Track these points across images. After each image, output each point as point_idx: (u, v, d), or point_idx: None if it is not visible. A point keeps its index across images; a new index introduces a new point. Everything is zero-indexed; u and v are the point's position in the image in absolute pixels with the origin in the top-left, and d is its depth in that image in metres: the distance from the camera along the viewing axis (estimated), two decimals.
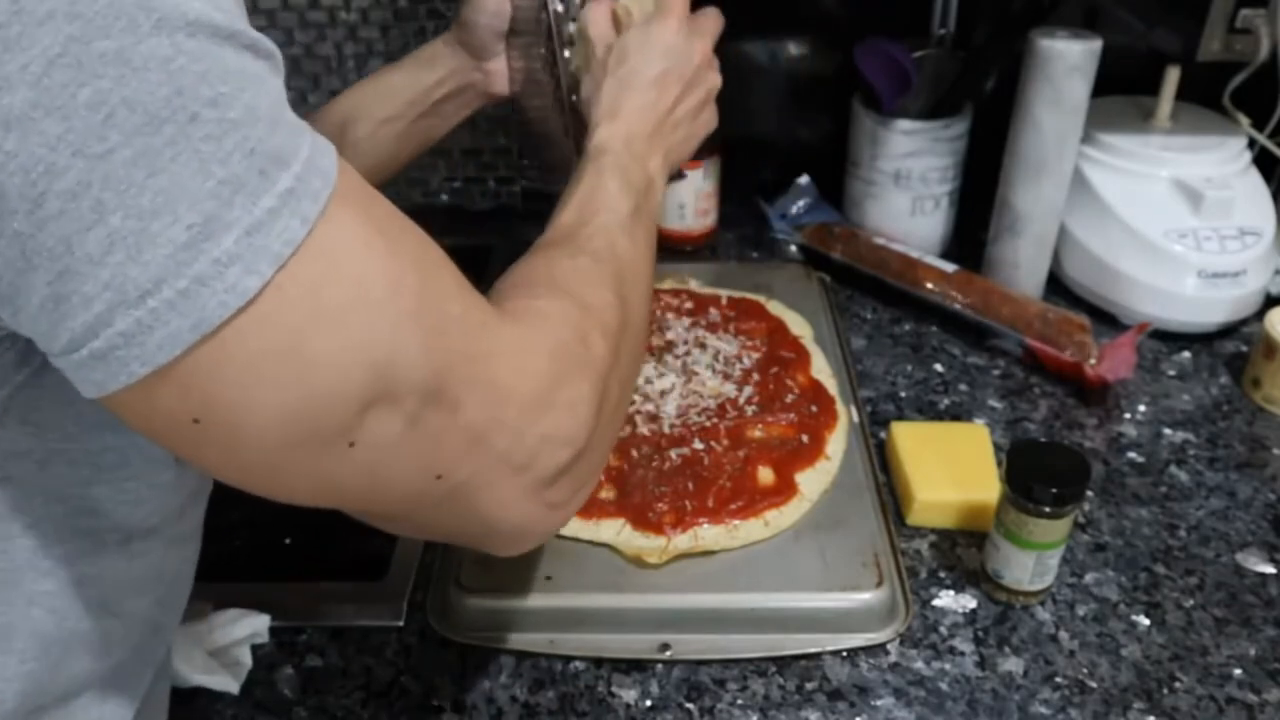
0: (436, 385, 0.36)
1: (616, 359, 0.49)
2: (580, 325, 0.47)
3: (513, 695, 0.59)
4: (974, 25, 0.96)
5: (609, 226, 0.56)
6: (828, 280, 0.96)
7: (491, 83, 0.78)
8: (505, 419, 0.40)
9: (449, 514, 0.42)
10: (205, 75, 0.29)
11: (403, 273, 0.36)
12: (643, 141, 0.62)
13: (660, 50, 0.64)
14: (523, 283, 0.50)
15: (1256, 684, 0.59)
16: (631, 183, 0.59)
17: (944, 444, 0.73)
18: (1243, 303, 0.87)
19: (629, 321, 0.52)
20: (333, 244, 0.33)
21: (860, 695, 0.59)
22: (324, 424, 0.34)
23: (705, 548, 0.65)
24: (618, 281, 0.53)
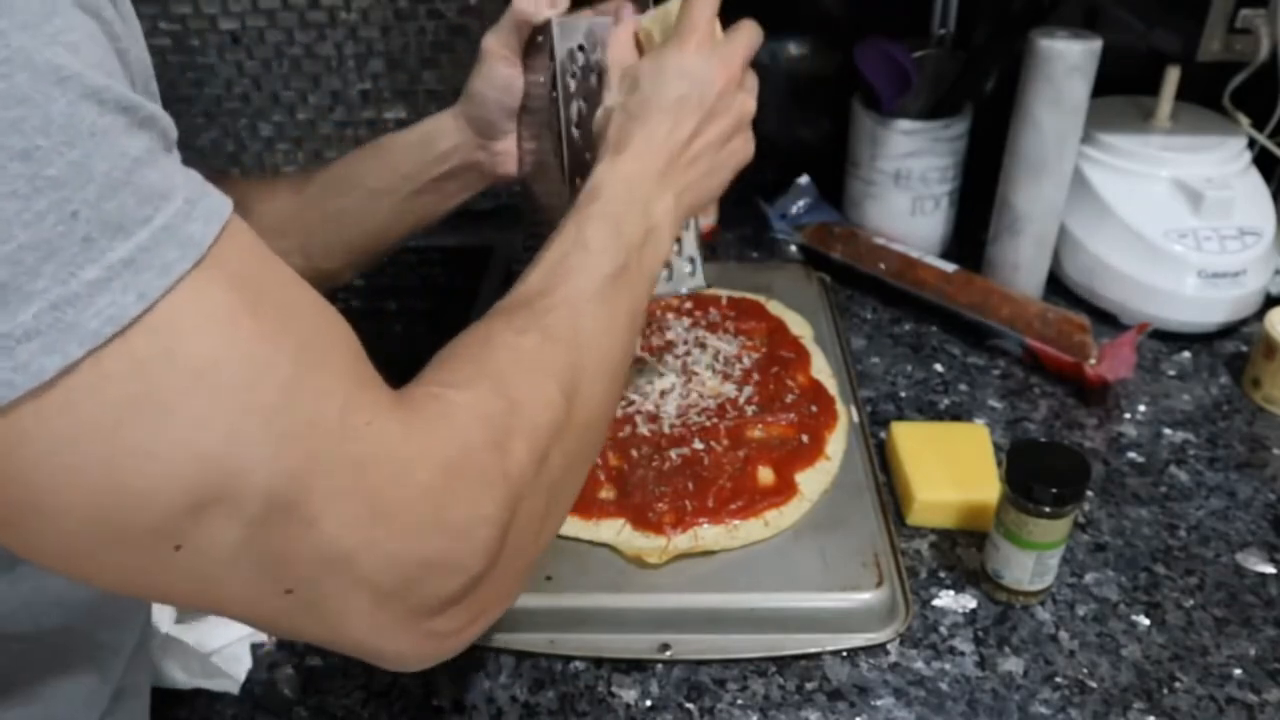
0: (290, 494, 0.32)
1: (543, 468, 0.42)
2: (498, 426, 0.40)
3: (513, 695, 0.59)
4: (974, 25, 0.96)
5: (577, 295, 0.48)
6: (828, 280, 0.96)
7: (499, 163, 0.70)
8: (375, 539, 0.34)
9: (307, 631, 0.36)
10: (18, 123, 0.26)
11: (271, 361, 0.32)
12: (650, 181, 0.54)
13: (676, 74, 0.56)
14: (451, 362, 0.44)
15: (1256, 684, 0.59)
16: (623, 235, 0.51)
17: (944, 444, 0.73)
18: (1243, 303, 0.87)
19: (572, 421, 0.44)
20: (180, 322, 0.29)
21: (860, 695, 0.59)
22: (140, 523, 0.30)
23: (705, 548, 0.65)
24: (569, 369, 0.45)
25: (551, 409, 0.43)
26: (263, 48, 1.02)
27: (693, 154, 0.57)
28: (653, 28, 0.61)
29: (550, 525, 0.45)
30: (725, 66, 0.58)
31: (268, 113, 1.05)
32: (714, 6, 0.59)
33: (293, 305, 0.34)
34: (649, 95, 0.56)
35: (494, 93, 0.67)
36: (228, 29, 1.01)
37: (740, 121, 0.59)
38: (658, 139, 0.55)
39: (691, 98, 0.56)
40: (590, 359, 0.47)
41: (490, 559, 0.38)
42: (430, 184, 0.70)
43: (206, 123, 1.06)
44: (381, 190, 0.70)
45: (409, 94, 1.05)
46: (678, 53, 0.57)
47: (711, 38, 0.59)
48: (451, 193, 0.72)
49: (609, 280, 0.50)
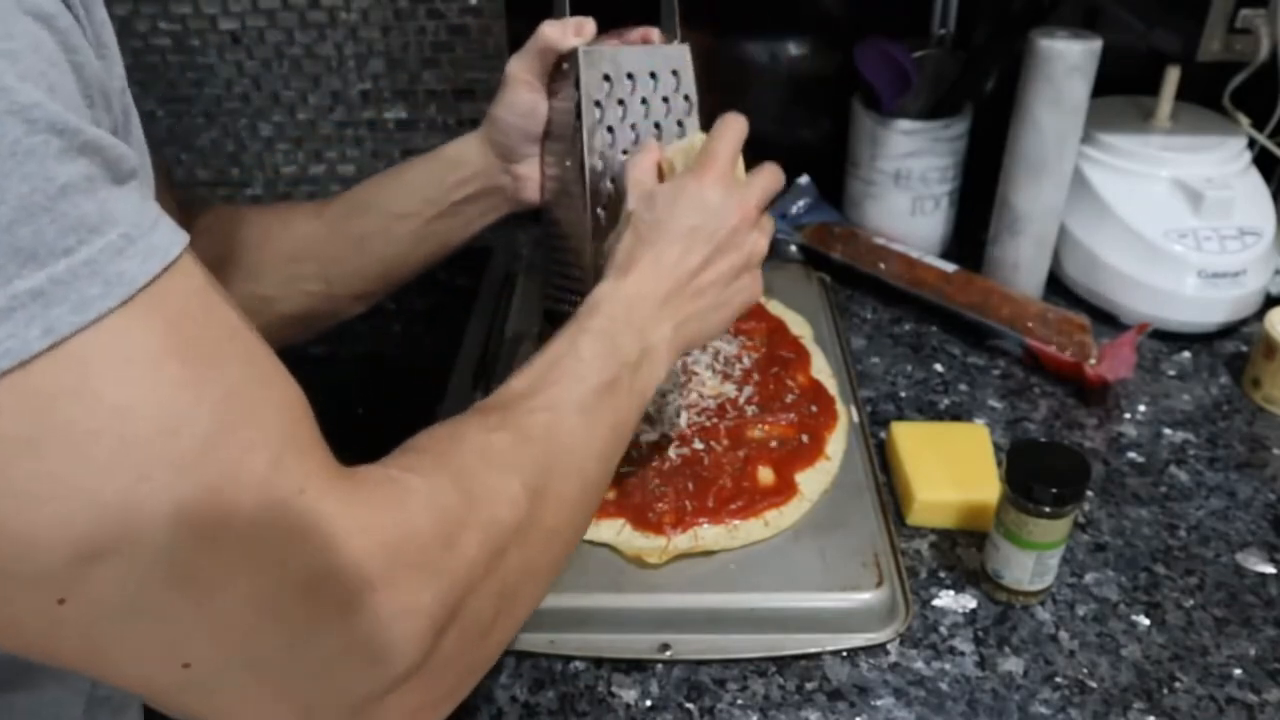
0: (191, 554, 0.29)
1: (496, 567, 0.39)
2: (451, 518, 0.38)
3: (513, 695, 0.59)
4: (974, 25, 0.96)
5: (561, 402, 0.47)
6: (828, 280, 0.96)
7: (521, 189, 0.70)
8: (290, 620, 0.31)
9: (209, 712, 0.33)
10: None
11: (191, 412, 0.29)
12: (652, 305, 0.54)
13: (691, 204, 0.56)
14: (414, 450, 0.42)
15: (1256, 684, 0.59)
16: (617, 353, 0.51)
17: (944, 444, 0.73)
18: (1243, 303, 0.87)
19: (536, 524, 0.42)
20: (94, 362, 0.28)
21: (860, 695, 0.59)
22: (20, 570, 0.28)
23: (705, 548, 0.65)
24: (539, 471, 0.43)
25: (514, 508, 0.41)
26: (263, 48, 1.02)
27: (699, 286, 0.56)
28: (675, 159, 0.62)
29: (500, 632, 0.42)
30: (742, 204, 0.57)
31: (268, 113, 1.05)
32: (738, 143, 0.59)
33: (231, 355, 0.32)
34: (662, 220, 0.56)
35: (517, 118, 0.67)
36: (228, 29, 1.01)
37: (750, 261, 0.59)
38: (665, 265, 0.55)
39: (704, 229, 0.56)
40: (564, 465, 0.45)
41: (419, 656, 0.35)
42: (451, 208, 0.69)
43: (206, 123, 1.06)
44: (402, 214, 0.69)
45: (409, 94, 1.05)
46: (697, 182, 0.57)
47: (732, 173, 0.59)
48: (472, 217, 0.71)
49: (596, 391, 0.49)
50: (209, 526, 0.30)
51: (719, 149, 0.58)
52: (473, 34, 1.02)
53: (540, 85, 0.66)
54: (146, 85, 1.02)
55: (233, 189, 1.11)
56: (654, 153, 0.61)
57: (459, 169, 0.69)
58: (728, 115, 0.60)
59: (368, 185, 0.70)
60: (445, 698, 0.39)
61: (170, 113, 1.05)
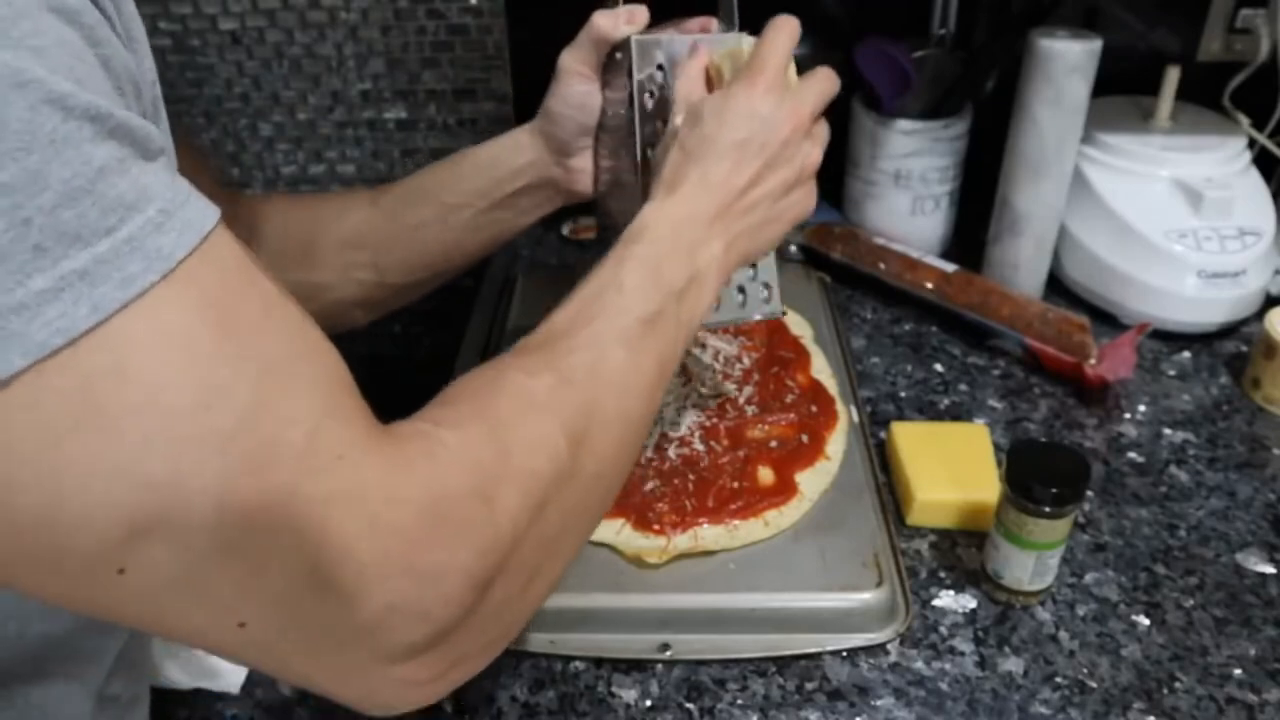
0: (238, 527, 0.30)
1: (537, 520, 0.39)
2: (487, 472, 0.38)
3: (513, 695, 0.59)
4: (974, 25, 0.96)
5: (602, 338, 0.46)
6: (828, 280, 0.96)
7: (574, 180, 0.69)
8: (336, 578, 0.32)
9: (272, 665, 0.35)
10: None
11: (230, 385, 0.30)
12: (701, 225, 0.52)
13: (741, 116, 0.53)
14: (451, 399, 0.41)
15: (1256, 684, 0.59)
16: (664, 280, 0.49)
17: (944, 444, 0.73)
18: (1243, 303, 0.87)
19: (578, 472, 0.42)
20: (136, 338, 0.28)
21: (860, 695, 0.59)
22: (79, 545, 0.29)
23: (705, 548, 0.65)
24: (581, 415, 0.43)
25: (554, 458, 0.41)
26: (263, 48, 1.02)
27: (750, 201, 0.54)
28: (723, 64, 0.60)
29: (542, 582, 0.42)
30: (794, 113, 0.55)
31: (268, 113, 1.05)
32: (789, 48, 0.57)
33: (268, 327, 0.32)
34: (710, 134, 0.53)
35: (570, 110, 0.66)
36: (228, 29, 1.01)
37: (804, 173, 0.57)
38: (714, 181, 0.53)
39: (755, 141, 0.53)
40: (607, 406, 0.44)
41: (463, 610, 0.36)
42: (505, 199, 0.69)
43: (206, 123, 1.06)
44: (457, 205, 0.69)
45: (409, 94, 1.05)
46: (746, 92, 0.54)
47: (783, 81, 0.56)
48: (526, 209, 0.70)
49: (641, 325, 0.47)
50: (252, 498, 0.30)
51: (769, 54, 0.55)
52: (473, 34, 1.02)
53: (594, 76, 0.65)
54: None
55: (233, 189, 1.11)
56: (701, 58, 0.59)
57: (513, 161, 0.68)
58: (779, 17, 0.57)
59: (423, 174, 0.71)
60: (487, 649, 0.40)
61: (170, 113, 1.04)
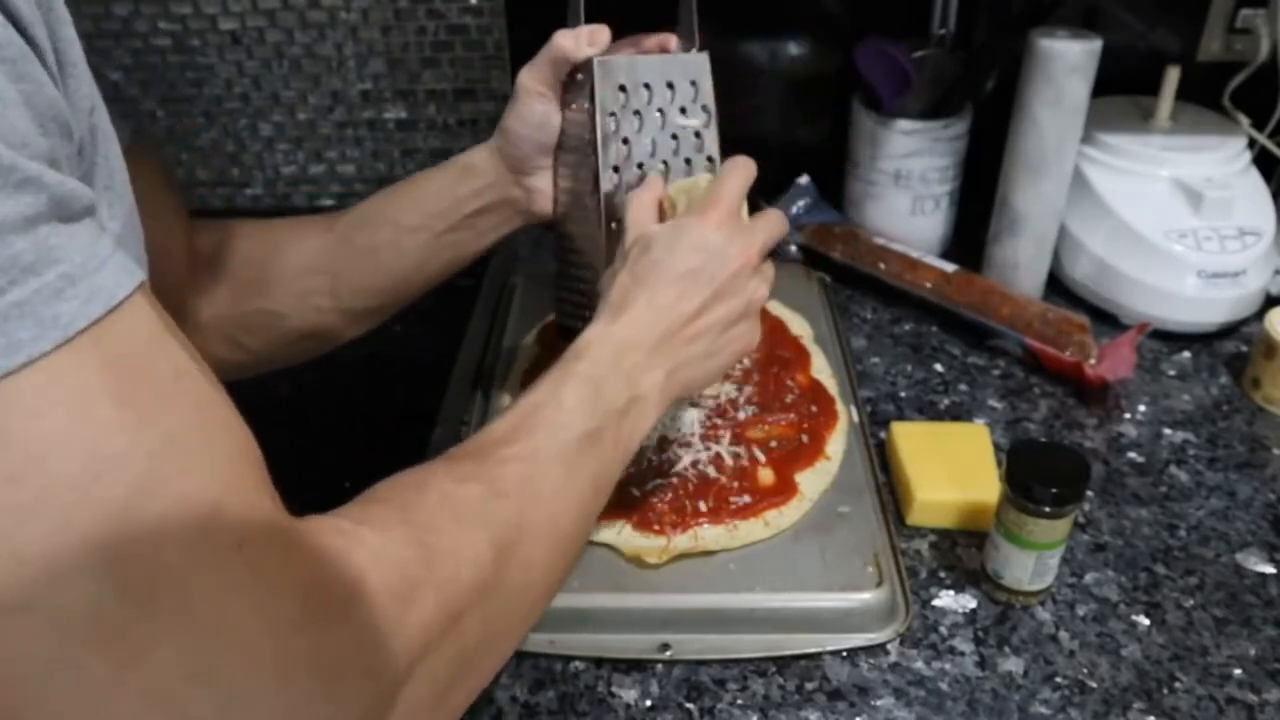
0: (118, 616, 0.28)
1: (454, 629, 0.37)
2: (406, 575, 0.36)
3: (513, 695, 0.59)
4: (974, 25, 0.96)
5: (540, 452, 0.45)
6: (828, 280, 0.96)
7: (533, 201, 0.67)
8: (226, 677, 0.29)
9: None
10: None
11: (124, 455, 0.28)
12: (642, 352, 0.51)
13: (692, 246, 0.54)
14: (374, 500, 0.40)
15: (1256, 684, 0.59)
16: (603, 401, 0.49)
17: (944, 444, 0.73)
18: (1243, 303, 0.87)
19: (503, 584, 0.40)
20: (22, 403, 0.26)
21: (860, 695, 0.59)
22: None
23: (705, 548, 0.65)
24: (510, 527, 0.41)
25: (477, 567, 0.39)
26: (263, 48, 1.02)
27: (695, 331, 0.54)
28: (678, 197, 0.60)
29: (457, 697, 0.39)
30: (745, 248, 0.56)
31: (268, 113, 1.05)
32: (745, 187, 0.57)
33: (175, 398, 0.30)
34: (660, 261, 0.54)
35: (529, 130, 0.65)
36: (228, 29, 1.01)
37: (749, 308, 0.57)
38: (660, 306, 0.53)
39: (704, 272, 0.54)
40: (537, 520, 0.43)
41: (369, 717, 0.33)
42: (463, 221, 0.67)
43: (206, 123, 1.06)
44: (413, 227, 0.67)
45: (409, 94, 1.05)
46: (699, 224, 0.55)
47: (737, 217, 0.57)
48: (485, 230, 0.69)
49: (578, 441, 0.47)
50: (136, 581, 0.28)
51: (726, 190, 0.57)
52: (473, 34, 1.02)
53: (553, 96, 0.64)
54: (146, 85, 1.02)
55: (233, 189, 1.11)
56: (656, 189, 0.60)
57: (470, 181, 0.67)
58: (737, 157, 0.58)
59: (378, 199, 0.69)
60: None
61: (170, 113, 1.05)
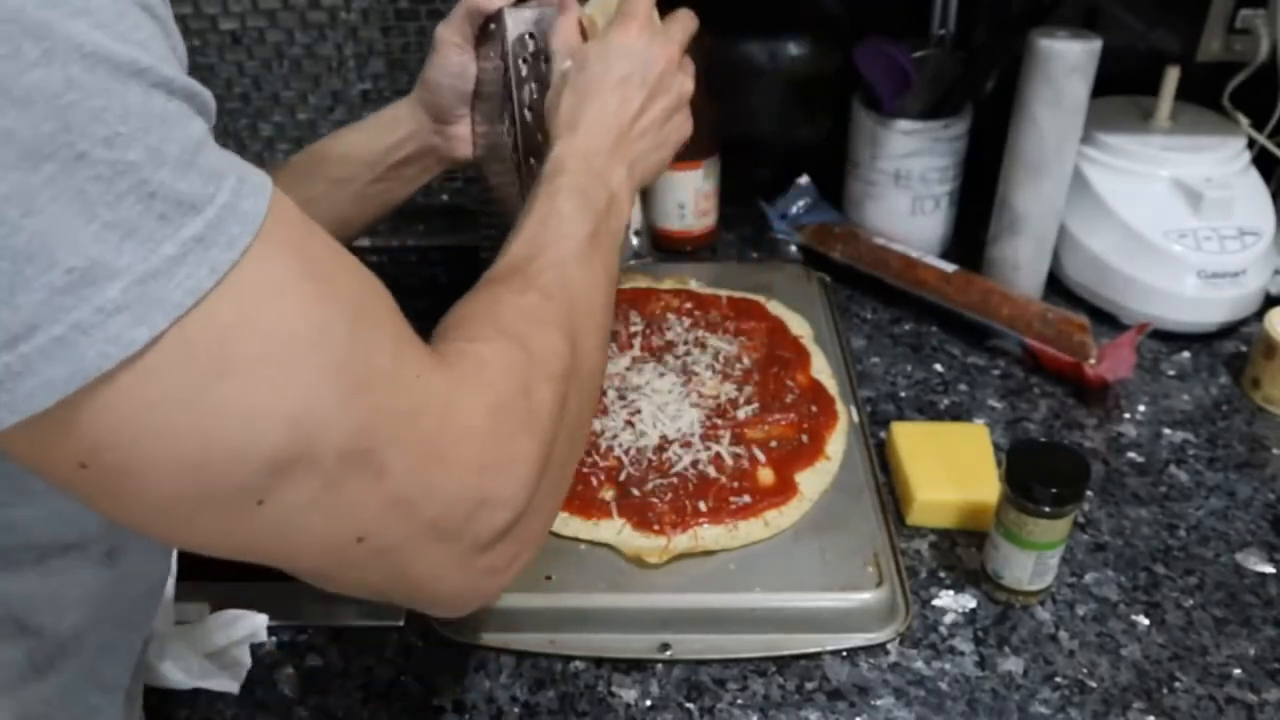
0: (358, 446, 0.34)
1: (563, 410, 0.45)
2: (524, 374, 0.43)
3: (513, 695, 0.59)
4: (974, 25, 0.96)
5: (562, 258, 0.51)
6: (828, 280, 0.96)
7: (453, 147, 0.75)
8: (438, 483, 0.37)
9: (374, 577, 0.39)
10: (100, 113, 0.27)
11: (330, 322, 0.33)
12: (603, 155, 0.58)
13: (621, 55, 0.60)
14: (465, 322, 0.46)
15: (1256, 684, 0.59)
16: (590, 203, 0.55)
17: (944, 444, 0.73)
18: (1242, 303, 0.87)
19: (578, 368, 0.48)
20: (249, 292, 0.31)
21: (860, 695, 0.59)
22: (227, 482, 0.32)
23: (705, 548, 0.65)
24: (568, 322, 0.48)
25: (561, 357, 0.46)
26: (263, 48, 1.02)
27: (640, 129, 0.61)
28: (596, 15, 0.65)
29: (572, 464, 0.48)
30: (665, 48, 0.62)
31: (268, 113, 1.05)
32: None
33: (338, 268, 0.36)
34: (597, 74, 0.60)
35: (448, 79, 0.71)
36: (228, 29, 1.01)
37: (680, 100, 0.63)
38: (608, 114, 0.59)
39: (636, 76, 0.60)
40: (583, 309, 0.50)
41: (530, 493, 0.41)
42: (389, 170, 0.73)
43: None
44: (343, 179, 0.72)
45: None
46: (621, 35, 0.61)
47: (653, 23, 0.63)
48: (409, 178, 0.75)
49: (585, 242, 0.53)
50: (364, 420, 0.34)
51: (637, 2, 0.62)
52: None
53: (469, 47, 0.71)
54: None
55: None
56: (573, 12, 0.65)
57: (394, 133, 0.73)
58: None
59: (306, 155, 0.74)
60: (541, 532, 0.45)
61: None
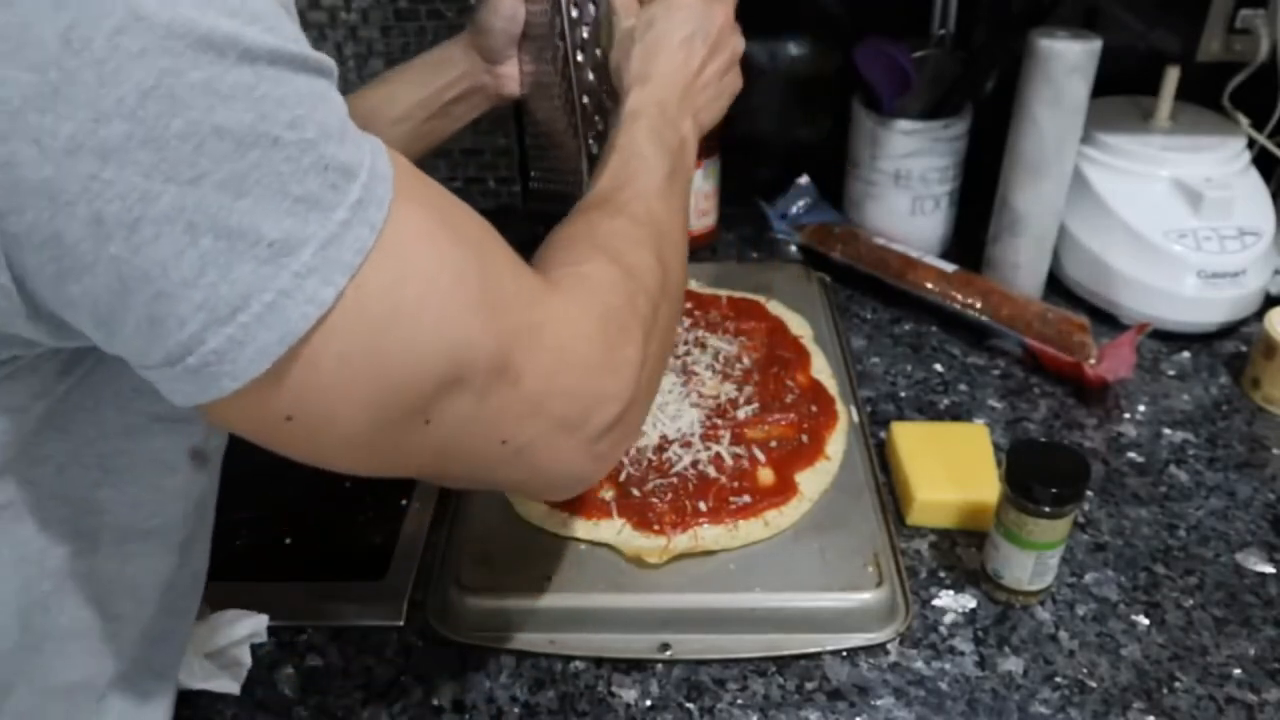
0: (501, 361, 0.39)
1: (656, 319, 0.50)
2: (625, 287, 0.49)
3: (513, 695, 0.59)
4: (974, 25, 0.96)
5: (646, 190, 0.56)
6: (828, 280, 0.96)
7: (502, 85, 0.79)
8: (562, 384, 0.43)
9: (510, 472, 0.44)
10: (284, 100, 0.31)
11: (465, 260, 0.38)
12: (674, 104, 0.63)
13: (684, 15, 0.65)
14: (566, 246, 0.51)
15: (1256, 684, 0.59)
16: (666, 145, 0.60)
17: (944, 444, 0.73)
18: (1242, 303, 0.87)
19: (668, 282, 0.53)
20: (400, 244, 0.35)
21: (860, 695, 0.59)
22: (405, 408, 0.36)
23: (705, 548, 0.65)
24: (656, 243, 0.53)
25: (653, 273, 0.51)
26: None
27: (703, 82, 0.65)
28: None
29: (661, 368, 0.53)
30: (723, 8, 0.66)
31: None
32: None
33: (458, 211, 0.40)
34: (664, 32, 0.64)
35: (500, 22, 0.76)
36: None
37: (735, 56, 0.68)
38: (675, 68, 0.64)
39: (698, 34, 0.65)
40: (667, 234, 0.55)
41: (636, 389, 0.47)
42: (442, 108, 0.79)
43: None
44: (398, 119, 0.78)
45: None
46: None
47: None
48: (459, 115, 0.81)
49: (665, 179, 0.58)
50: (502, 339, 0.39)
51: None
52: None
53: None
54: None
55: None
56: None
57: (447, 72, 0.79)
58: None
59: (362, 97, 0.78)
60: (638, 424, 0.51)
61: None
